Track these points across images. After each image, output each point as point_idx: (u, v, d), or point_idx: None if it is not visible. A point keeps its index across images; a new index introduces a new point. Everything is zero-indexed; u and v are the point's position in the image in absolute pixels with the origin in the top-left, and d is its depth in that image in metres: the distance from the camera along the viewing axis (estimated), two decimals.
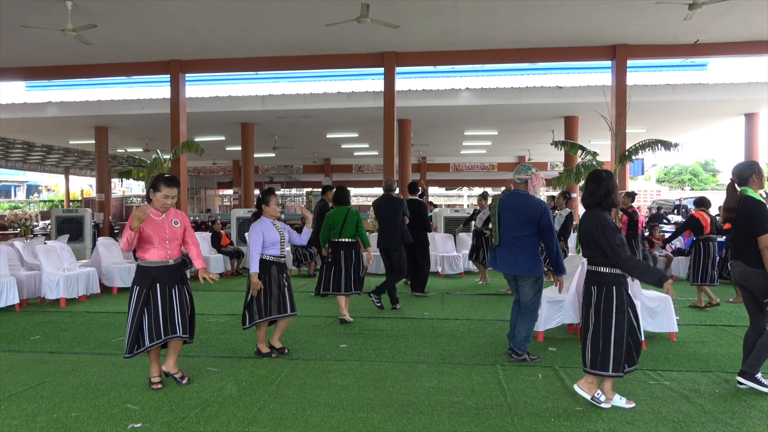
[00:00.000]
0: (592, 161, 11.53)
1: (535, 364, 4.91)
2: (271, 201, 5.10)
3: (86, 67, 13.57)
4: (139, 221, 4.01)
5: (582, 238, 3.94)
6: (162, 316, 4.16)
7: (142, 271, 4.20)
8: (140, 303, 4.12)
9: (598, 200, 3.89)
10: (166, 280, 4.20)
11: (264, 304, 4.95)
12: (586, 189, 3.97)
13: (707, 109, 16.61)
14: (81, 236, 12.82)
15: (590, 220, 3.86)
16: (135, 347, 4.12)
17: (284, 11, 10.32)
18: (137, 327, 4.11)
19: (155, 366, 4.32)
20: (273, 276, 5.00)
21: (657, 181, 49.12)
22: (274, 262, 5.03)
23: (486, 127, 19.93)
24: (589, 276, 3.91)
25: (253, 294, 4.87)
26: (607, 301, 3.77)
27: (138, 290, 4.15)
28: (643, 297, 5.79)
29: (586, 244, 3.89)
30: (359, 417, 3.68)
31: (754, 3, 9.65)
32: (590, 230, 3.82)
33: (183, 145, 13.15)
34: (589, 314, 3.87)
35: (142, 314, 4.13)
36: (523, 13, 10.49)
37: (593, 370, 3.80)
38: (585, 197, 3.98)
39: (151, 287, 4.15)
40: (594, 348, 3.79)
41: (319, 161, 29.58)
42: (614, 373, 3.74)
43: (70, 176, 33.80)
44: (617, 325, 3.73)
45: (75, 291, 8.17)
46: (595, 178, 3.94)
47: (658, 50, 12.51)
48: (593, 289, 3.85)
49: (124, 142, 22.20)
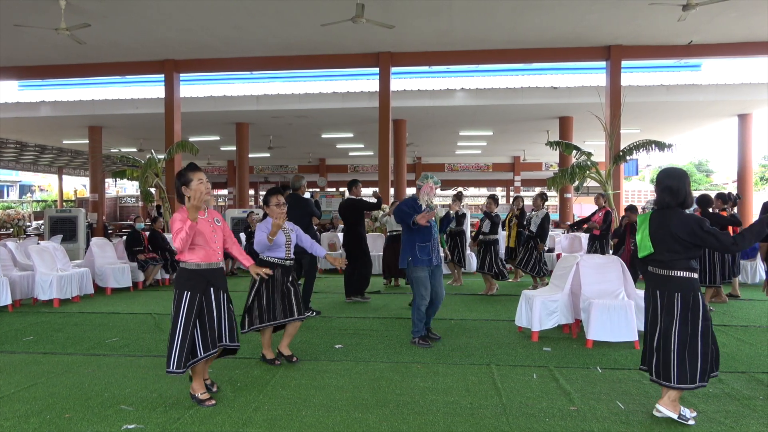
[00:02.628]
0: (586, 161, 11.60)
1: (529, 364, 4.91)
2: (272, 202, 4.78)
3: (80, 67, 13.52)
4: (197, 210, 3.67)
5: (661, 239, 3.57)
6: (216, 323, 3.86)
7: (192, 274, 3.80)
8: (194, 310, 3.75)
9: (683, 199, 3.56)
10: (220, 284, 3.91)
11: (266, 308, 4.69)
12: (667, 187, 3.59)
13: (701, 109, 16.70)
14: (74, 236, 12.74)
15: (679, 219, 3.49)
16: (188, 359, 3.73)
17: (279, 11, 10.31)
18: (189, 336, 3.73)
19: (200, 380, 3.92)
20: (276, 279, 4.73)
21: (651, 182, 49.27)
22: (279, 264, 4.76)
23: (481, 128, 19.97)
24: (668, 281, 3.55)
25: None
26: (694, 309, 3.47)
27: (190, 296, 3.76)
28: (638, 297, 5.80)
29: (668, 247, 3.52)
30: (354, 417, 3.68)
31: (747, 4, 9.71)
32: (682, 230, 3.46)
33: (177, 145, 13.13)
34: (671, 324, 3.50)
35: (195, 322, 3.76)
36: (518, 14, 10.52)
37: (682, 384, 3.47)
38: (665, 196, 3.59)
39: (204, 292, 3.82)
40: (681, 360, 3.46)
41: (314, 161, 29.55)
42: (700, 383, 3.48)
43: (63, 176, 33.66)
44: (704, 334, 3.47)
45: (68, 291, 8.13)
46: (678, 176, 3.60)
47: (652, 51, 12.58)
48: (677, 297, 3.50)
49: (118, 141, 22.12)
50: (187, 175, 3.83)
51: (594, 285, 5.85)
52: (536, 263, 9.02)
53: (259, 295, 4.72)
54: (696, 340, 3.46)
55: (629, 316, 5.46)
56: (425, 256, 5.60)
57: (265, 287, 4.71)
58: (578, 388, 4.27)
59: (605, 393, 4.15)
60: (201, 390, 3.89)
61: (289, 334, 4.97)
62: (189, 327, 3.72)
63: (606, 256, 6.42)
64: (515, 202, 9.98)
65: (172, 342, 3.73)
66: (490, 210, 9.15)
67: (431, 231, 5.68)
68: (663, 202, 3.62)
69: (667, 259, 3.55)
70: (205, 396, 3.88)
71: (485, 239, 8.93)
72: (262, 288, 4.72)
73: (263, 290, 4.72)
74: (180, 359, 3.69)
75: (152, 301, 8.41)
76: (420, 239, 5.63)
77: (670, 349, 3.50)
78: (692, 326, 3.47)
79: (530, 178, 31.48)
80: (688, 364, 3.46)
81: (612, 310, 5.48)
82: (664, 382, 3.55)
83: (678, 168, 3.73)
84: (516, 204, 9.86)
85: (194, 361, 3.76)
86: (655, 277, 3.63)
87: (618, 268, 5.98)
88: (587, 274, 5.91)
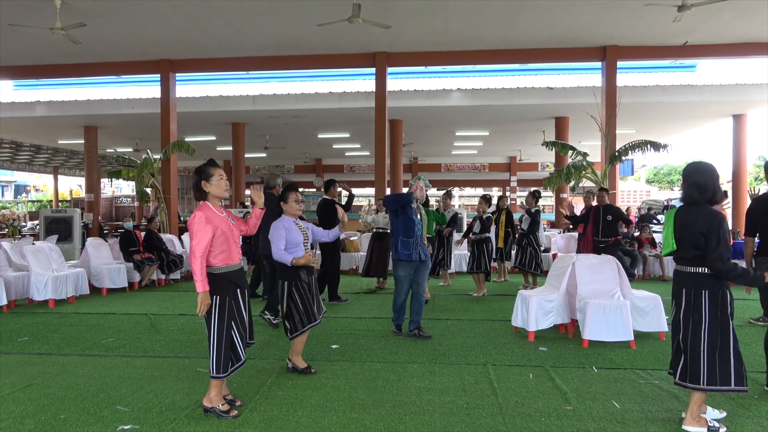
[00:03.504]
0: (582, 162, 11.63)
1: (525, 364, 4.92)
2: (290, 198, 4.63)
3: (75, 66, 13.47)
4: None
5: (685, 237, 3.47)
6: (249, 324, 3.86)
7: (220, 279, 3.66)
8: (228, 315, 3.67)
9: (711, 196, 3.46)
10: (243, 284, 3.84)
11: (305, 312, 4.51)
12: (694, 183, 3.48)
13: (696, 110, 16.75)
14: (70, 237, 12.69)
15: (706, 216, 3.39)
16: (230, 365, 3.68)
17: (275, 11, 10.29)
18: (228, 342, 3.67)
19: (221, 391, 3.75)
20: (303, 280, 4.55)
21: (646, 182, 49.46)
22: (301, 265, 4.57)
23: (477, 128, 19.99)
24: (696, 279, 3.44)
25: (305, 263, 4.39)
26: (723, 307, 3.38)
27: (220, 300, 3.64)
28: (633, 297, 5.83)
29: (695, 244, 3.42)
30: (351, 417, 3.68)
31: (742, 5, 9.74)
32: (702, 228, 3.37)
33: (173, 145, 13.09)
34: (700, 323, 3.40)
35: (231, 327, 3.69)
36: (514, 14, 10.54)
37: (712, 386, 3.35)
38: (692, 192, 3.48)
39: (234, 296, 3.74)
40: (711, 361, 3.35)
41: (311, 161, 29.54)
42: (737, 386, 3.35)
43: (58, 176, 33.54)
44: (734, 333, 3.38)
45: (64, 292, 8.10)
46: (707, 171, 3.48)
47: (647, 51, 12.61)
48: (704, 295, 3.39)
49: (114, 141, 22.06)
50: (207, 171, 3.73)
51: (590, 285, 5.87)
52: (533, 260, 9.04)
53: (294, 300, 4.52)
54: (728, 339, 3.36)
55: (625, 316, 5.48)
56: (406, 250, 5.82)
57: (296, 290, 4.53)
58: (574, 387, 4.28)
59: (601, 393, 4.17)
60: (221, 401, 3.71)
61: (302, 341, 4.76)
62: (223, 330, 3.64)
63: (601, 256, 6.43)
64: (500, 201, 9.96)
65: (211, 348, 3.64)
66: (479, 212, 9.12)
67: (415, 228, 5.87)
68: (690, 198, 3.51)
69: (693, 255, 3.44)
70: (226, 407, 3.70)
71: (477, 238, 8.91)
72: (294, 292, 4.53)
73: (295, 294, 4.53)
74: (219, 363, 3.61)
75: (148, 301, 8.38)
76: (404, 234, 5.85)
77: (700, 350, 3.38)
78: (722, 325, 3.36)
79: (526, 179, 31.53)
80: (718, 365, 3.34)
81: (608, 310, 5.50)
82: (690, 385, 3.42)
83: (706, 163, 3.58)
84: (501, 203, 9.81)
85: (237, 366, 3.72)
86: (682, 275, 3.54)
87: (614, 268, 6.00)
88: (583, 274, 5.93)
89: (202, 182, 3.71)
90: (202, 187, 3.71)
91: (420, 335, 5.90)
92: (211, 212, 3.68)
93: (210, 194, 3.73)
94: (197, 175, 3.74)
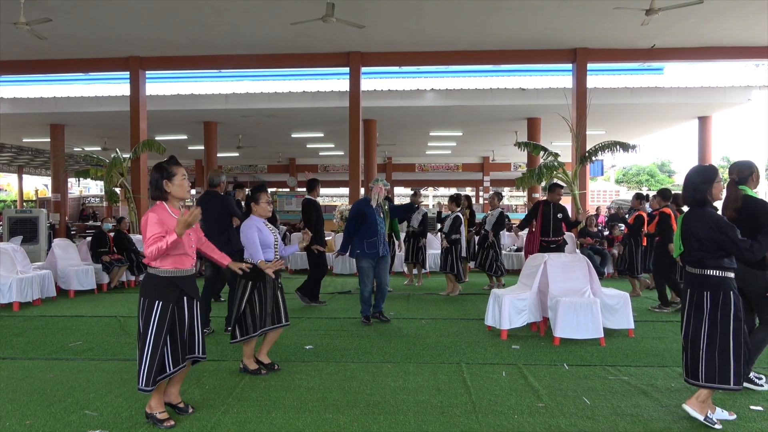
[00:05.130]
0: (554, 162, 11.79)
1: (498, 362, 4.97)
2: (261, 199, 4.52)
3: (41, 63, 13.13)
4: (188, 227, 3.34)
5: (688, 239, 3.60)
6: (188, 334, 3.54)
7: (166, 282, 3.43)
8: (166, 322, 3.41)
9: (700, 197, 3.57)
10: (192, 292, 3.58)
11: (259, 316, 4.43)
12: (691, 184, 3.63)
13: (663, 112, 17.15)
14: (35, 238, 12.35)
15: (701, 220, 3.52)
16: (158, 376, 3.41)
17: (248, 9, 10.19)
18: (161, 351, 3.40)
19: (159, 398, 3.57)
20: (269, 282, 4.46)
21: (616, 182, 50.45)
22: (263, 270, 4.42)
23: (451, 128, 20.12)
24: (699, 280, 3.56)
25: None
26: (725, 308, 3.46)
27: (161, 306, 3.40)
28: (603, 295, 5.94)
29: (698, 246, 3.54)
30: (325, 418, 3.67)
31: (706, 11, 10.01)
32: (702, 231, 3.50)
33: (143, 144, 12.87)
34: (700, 323, 3.51)
35: (167, 335, 3.43)
36: (487, 16, 10.64)
37: (710, 383, 3.47)
38: (689, 193, 3.63)
39: (177, 302, 3.48)
40: (710, 360, 3.46)
41: (284, 161, 29.32)
42: (735, 386, 3.45)
43: (23, 175, 32.67)
44: (736, 334, 3.45)
45: (29, 294, 7.88)
46: (695, 174, 3.62)
47: (616, 54, 12.88)
48: (706, 295, 3.51)
49: (82, 140, 21.56)
50: (170, 169, 3.49)
51: (561, 283, 5.96)
52: (493, 262, 9.09)
53: (252, 303, 4.42)
54: (727, 340, 3.44)
55: (595, 314, 5.58)
56: (372, 249, 6.52)
57: (257, 293, 4.43)
58: (546, 384, 4.34)
59: (572, 389, 4.24)
60: (160, 408, 3.55)
61: (270, 340, 4.74)
62: (160, 341, 3.39)
63: (572, 255, 6.54)
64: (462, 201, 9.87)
65: (142, 357, 3.39)
66: (448, 210, 9.16)
67: (377, 227, 6.55)
68: (687, 200, 3.66)
69: (696, 258, 3.57)
70: (164, 416, 3.53)
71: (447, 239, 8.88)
72: (254, 294, 4.43)
73: (255, 297, 4.43)
74: (149, 376, 3.37)
75: (117, 303, 8.22)
76: (368, 236, 6.52)
77: (699, 348, 3.51)
78: (722, 326, 3.46)
79: (499, 179, 31.85)
80: (717, 364, 3.44)
81: (578, 308, 5.59)
82: (691, 381, 3.57)
83: (705, 165, 3.69)
84: (463, 203, 9.62)
85: (163, 377, 3.44)
86: (689, 276, 3.66)
87: (584, 266, 6.11)
88: (554, 272, 6.02)
89: (164, 181, 3.47)
90: (163, 186, 3.47)
91: (380, 318, 6.73)
92: (166, 214, 3.44)
93: (171, 194, 3.50)
94: (158, 173, 3.49)
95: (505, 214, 9.89)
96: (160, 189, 3.49)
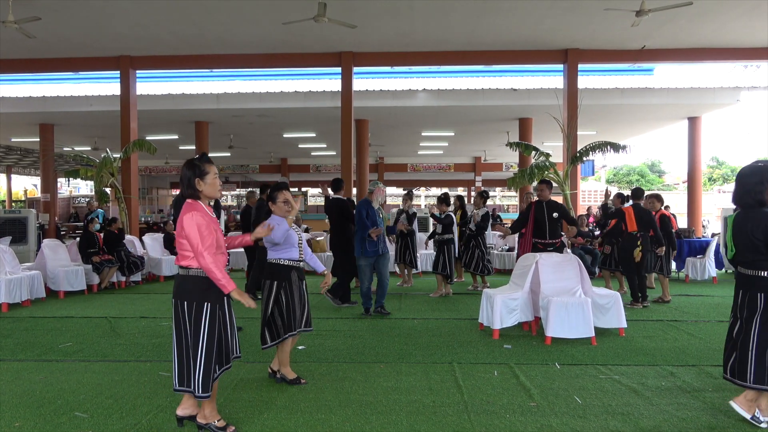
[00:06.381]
0: (545, 162, 11.84)
1: (490, 361, 4.99)
2: (279, 198, 4.26)
3: (30, 62, 13.01)
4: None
5: (741, 241, 3.54)
6: (231, 334, 3.46)
7: (207, 283, 3.30)
8: (216, 323, 3.32)
9: (761, 199, 3.47)
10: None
11: (288, 317, 4.22)
12: (743, 185, 3.54)
13: (653, 112, 17.27)
14: (24, 238, 12.24)
15: (755, 221, 3.45)
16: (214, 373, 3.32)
17: (239, 8, 10.15)
18: (216, 354, 3.31)
19: (215, 404, 3.45)
20: (294, 283, 4.27)
21: (606, 182, 50.70)
22: (294, 267, 4.29)
23: (442, 128, 20.14)
24: (752, 281, 3.51)
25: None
26: None
27: (211, 308, 3.30)
28: (594, 294, 5.97)
29: (750, 248, 3.49)
30: (317, 418, 3.66)
31: (695, 13, 10.08)
32: (758, 232, 3.43)
33: (134, 144, 12.79)
34: (751, 324, 3.47)
35: (220, 334, 3.34)
36: (478, 16, 10.66)
37: (760, 384, 3.42)
38: (741, 194, 3.55)
39: (221, 302, 3.39)
40: (760, 361, 3.41)
41: (276, 161, 29.23)
42: None
43: (12, 175, 32.38)
44: None
45: (18, 295, 7.81)
46: (754, 173, 3.52)
47: (607, 55, 12.95)
48: (760, 297, 3.45)
49: (71, 140, 21.38)
50: (202, 167, 3.36)
51: (552, 283, 5.99)
52: (479, 262, 9.10)
53: (279, 304, 4.23)
54: None
55: (586, 313, 5.61)
56: (373, 248, 7.06)
57: (284, 294, 4.24)
58: (538, 384, 4.36)
59: (563, 388, 4.26)
60: (216, 417, 3.42)
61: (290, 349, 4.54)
62: (213, 344, 3.28)
63: (563, 255, 6.57)
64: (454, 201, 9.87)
65: (196, 362, 3.25)
66: (438, 211, 9.09)
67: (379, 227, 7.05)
68: (741, 201, 3.58)
69: (750, 259, 3.52)
70: (222, 423, 3.41)
71: (439, 239, 8.87)
72: (281, 295, 4.24)
73: (282, 298, 4.24)
74: (207, 382, 3.25)
75: (107, 304, 8.17)
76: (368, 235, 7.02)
77: (748, 348, 3.46)
78: None
79: (491, 179, 31.93)
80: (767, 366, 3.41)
81: (570, 308, 5.62)
82: (739, 381, 3.52)
83: (759, 164, 3.58)
84: (455, 203, 9.71)
85: (214, 379, 3.33)
86: (741, 277, 3.62)
87: (575, 266, 6.14)
88: (546, 272, 6.05)
89: (196, 179, 3.34)
90: (195, 184, 3.35)
91: (381, 312, 7.15)
92: (203, 212, 3.33)
93: (202, 193, 3.38)
94: (190, 171, 3.36)
95: (490, 215, 9.88)
96: (192, 187, 3.37)
